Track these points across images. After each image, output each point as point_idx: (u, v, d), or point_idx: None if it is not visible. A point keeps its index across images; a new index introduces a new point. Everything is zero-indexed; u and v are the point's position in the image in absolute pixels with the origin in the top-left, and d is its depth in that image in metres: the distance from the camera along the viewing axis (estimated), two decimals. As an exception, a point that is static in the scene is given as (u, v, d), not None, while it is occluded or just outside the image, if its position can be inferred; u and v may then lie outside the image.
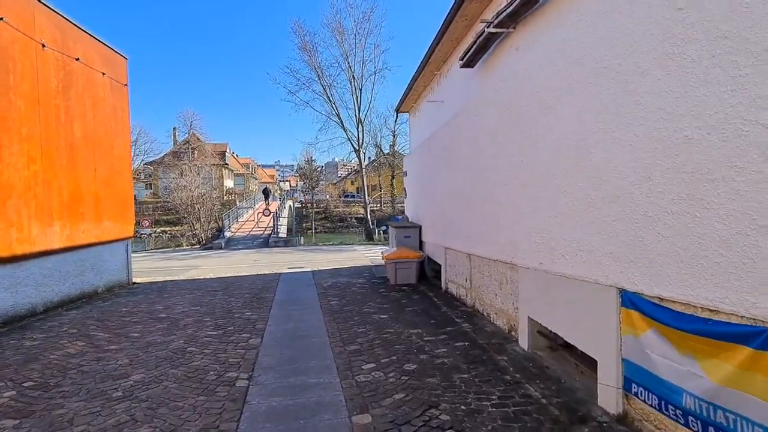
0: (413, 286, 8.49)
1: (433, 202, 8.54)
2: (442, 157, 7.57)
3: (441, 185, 7.67)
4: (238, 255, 16.70)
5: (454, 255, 7.15)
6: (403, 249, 9.07)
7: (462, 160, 6.36)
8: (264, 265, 13.26)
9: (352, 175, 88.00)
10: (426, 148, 9.00)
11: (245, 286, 9.28)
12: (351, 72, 24.37)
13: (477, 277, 5.99)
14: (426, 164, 9.11)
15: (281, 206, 30.25)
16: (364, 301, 7.19)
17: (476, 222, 5.85)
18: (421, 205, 9.98)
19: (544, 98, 3.85)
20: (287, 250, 18.31)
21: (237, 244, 19.89)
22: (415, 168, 10.62)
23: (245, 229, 24.08)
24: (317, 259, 14.45)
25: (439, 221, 8.08)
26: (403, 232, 9.85)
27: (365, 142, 25.70)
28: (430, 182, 8.81)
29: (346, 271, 11.26)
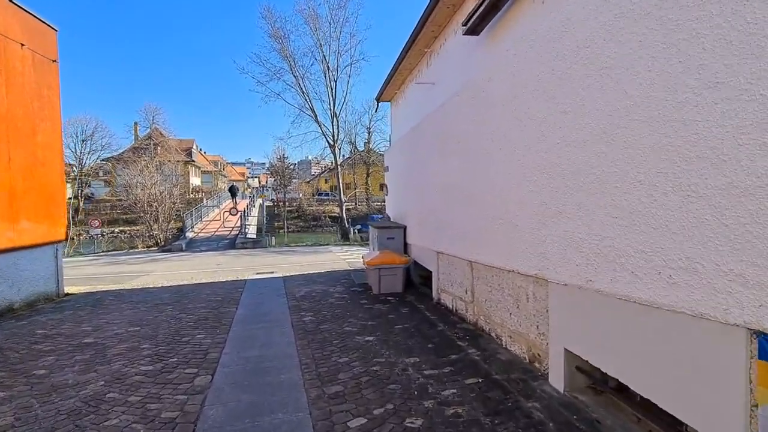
0: (399, 295, 7.40)
1: (421, 199, 7.48)
2: (433, 145, 6.51)
3: (431, 179, 6.61)
4: (200, 258, 15.17)
5: (448, 261, 6.11)
6: (386, 253, 7.97)
7: (461, 146, 5.31)
8: (228, 270, 11.86)
9: (326, 173, 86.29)
10: (412, 139, 7.93)
11: (202, 296, 7.94)
12: (326, 63, 23.02)
13: (482, 289, 4.95)
14: (412, 156, 8.04)
15: (250, 204, 28.52)
16: (344, 317, 6.04)
17: (480, 221, 4.81)
18: (405, 202, 8.90)
19: (594, 55, 2.82)
20: (256, 251, 16.87)
21: (200, 245, 18.25)
22: (398, 162, 9.54)
23: (210, 229, 22.35)
24: (289, 263, 13.16)
25: (428, 221, 7.02)
26: (386, 233, 8.76)
27: (341, 137, 24.40)
28: (417, 176, 7.74)
29: (321, 276, 10.06)
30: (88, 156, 53.23)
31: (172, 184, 22.21)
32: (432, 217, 6.79)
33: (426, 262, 7.42)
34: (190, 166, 57.81)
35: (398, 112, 10.23)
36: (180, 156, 54.80)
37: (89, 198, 51.33)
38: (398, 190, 9.62)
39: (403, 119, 9.56)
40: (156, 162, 44.58)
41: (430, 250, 7.01)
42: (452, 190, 5.69)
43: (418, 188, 7.64)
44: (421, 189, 7.46)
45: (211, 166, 71.98)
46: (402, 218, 9.21)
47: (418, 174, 7.59)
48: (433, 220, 6.74)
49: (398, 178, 9.55)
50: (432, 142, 6.56)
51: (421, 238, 7.67)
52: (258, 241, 18.63)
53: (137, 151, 46.04)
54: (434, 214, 6.64)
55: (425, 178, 7.08)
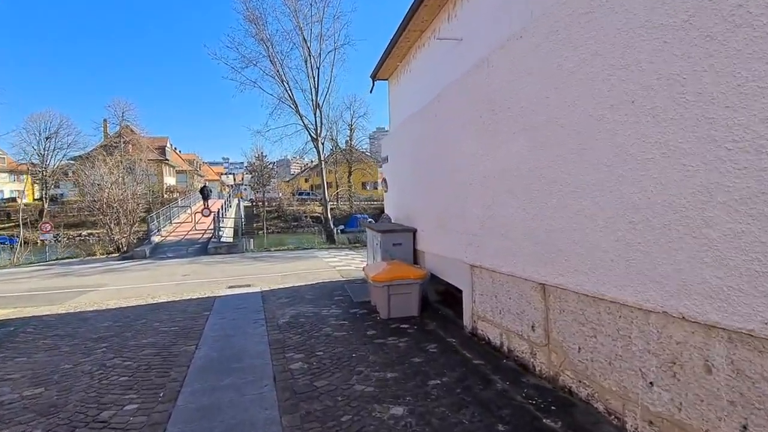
0: (416, 320, 5.64)
1: (442, 195, 5.73)
2: (469, 120, 4.76)
3: (467, 166, 4.86)
4: (165, 267, 13.05)
5: (493, 279, 4.38)
6: (396, 265, 6.20)
7: (526, 116, 3.58)
8: (195, 283, 9.86)
9: (306, 172, 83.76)
10: (427, 118, 6.18)
11: (154, 325, 6.00)
12: (307, 48, 20.99)
13: (571, 330, 3.23)
14: (427, 141, 6.29)
15: (226, 204, 26.27)
16: (349, 361, 4.24)
17: (572, 222, 3.10)
18: (414, 200, 7.14)
19: None
20: (232, 258, 14.82)
21: (167, 251, 16.06)
22: (402, 150, 7.77)
23: (180, 232, 20.09)
24: (270, 272, 11.22)
25: (454, 223, 5.28)
26: (391, 237, 6.98)
27: (324, 131, 22.40)
28: (435, 166, 5.99)
29: (309, 290, 8.20)
30: (53, 154, 49.80)
31: (136, 182, 19.83)
32: (462, 218, 5.04)
33: (450, 275, 5.68)
34: (163, 165, 54.87)
35: (400, 91, 8.46)
36: (153, 154, 51.85)
37: (55, 199, 47.82)
38: (403, 184, 7.85)
39: (408, 97, 7.81)
40: (126, 161, 41.75)
41: (458, 262, 5.27)
42: (510, 179, 3.96)
43: (438, 181, 5.89)
44: (442, 182, 5.71)
45: (187, 165, 68.91)
46: (409, 219, 7.45)
47: (438, 162, 5.83)
48: (464, 221, 5.00)
49: (403, 170, 7.78)
50: (466, 116, 4.81)
51: (440, 244, 5.93)
52: (234, 246, 16.56)
53: (106, 149, 43.08)
54: (468, 213, 4.90)
55: (451, 165, 5.34)
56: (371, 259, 7.86)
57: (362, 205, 56.51)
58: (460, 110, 4.98)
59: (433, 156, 6.04)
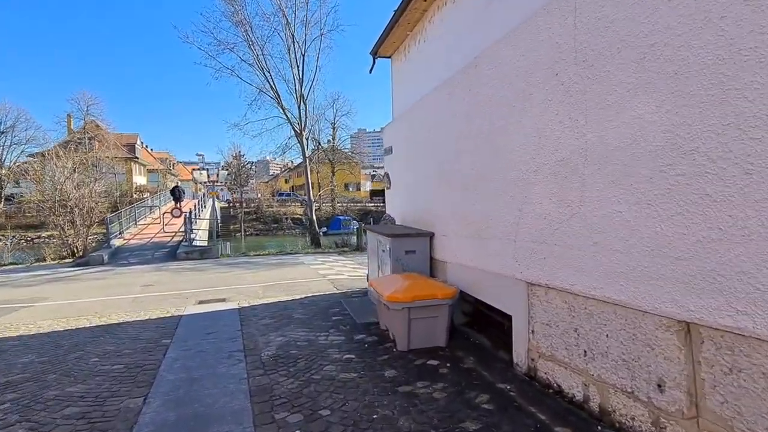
0: (445, 353, 4.31)
1: (479, 190, 4.43)
2: (529, 86, 3.47)
3: (528, 148, 3.55)
4: (124, 276, 11.31)
5: (575, 306, 3.09)
6: (416, 278, 4.86)
7: (664, 57, 2.31)
8: (158, 297, 8.25)
9: (286, 173, 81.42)
10: (454, 95, 4.88)
11: (91, 362, 4.47)
12: (291, 33, 19.38)
13: (762, 405, 1.95)
14: (453, 123, 4.97)
15: (200, 204, 24.30)
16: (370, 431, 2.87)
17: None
18: (431, 197, 5.82)
19: None
20: (205, 264, 13.14)
21: (129, 256, 14.24)
22: (413, 139, 6.45)
23: (146, 234, 18.16)
24: (249, 282, 9.69)
25: (499, 226, 3.98)
26: (403, 243, 5.65)
27: (309, 124, 20.77)
28: (466, 153, 4.68)
29: (299, 307, 6.75)
30: (9, 150, 46.51)
31: (95, 178, 17.82)
32: (514, 220, 3.75)
33: (488, 294, 4.38)
34: (133, 163, 51.98)
35: (408, 69, 7.13)
36: (121, 152, 48.99)
37: (10, 199, 44.31)
38: (413, 179, 6.52)
39: (420, 75, 6.49)
40: (91, 158, 38.96)
41: (503, 278, 3.96)
42: (618, 162, 2.68)
43: (471, 173, 4.59)
44: (479, 173, 4.41)
45: (159, 164, 65.86)
46: (422, 222, 6.14)
47: (473, 149, 4.53)
48: (517, 224, 3.70)
49: (414, 163, 6.45)
50: (530, 79, 3.51)
51: (472, 253, 4.62)
52: (208, 250, 14.85)
53: (69, 145, 40.26)
54: (528, 213, 3.61)
55: (496, 151, 4.03)
56: (376, 269, 6.49)
57: (344, 206, 55.00)
58: (516, 73, 3.68)
59: (464, 142, 4.73)
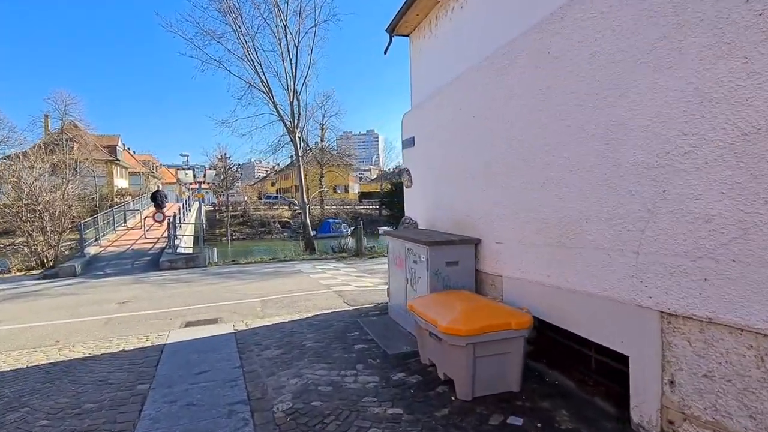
0: (521, 402, 3.19)
1: (567, 182, 3.34)
2: (658, 37, 2.39)
3: (670, 121, 2.46)
4: (98, 290, 9.93)
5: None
6: (471, 299, 3.75)
7: None
8: (136, 318, 6.96)
9: (273, 175, 79.59)
10: (518, 65, 3.80)
11: (36, 428, 3.22)
12: (283, 22, 18.07)
13: None
14: (518, 101, 3.88)
15: (185, 208, 22.76)
16: None
17: None
18: (475, 195, 4.71)
19: None
20: (191, 274, 11.80)
21: (106, 266, 12.80)
22: (446, 127, 5.33)
23: (126, 240, 16.67)
24: (244, 295, 8.44)
25: (606, 233, 2.89)
26: (444, 252, 4.54)
27: (302, 122, 19.39)
28: (531, 139, 3.59)
29: (309, 330, 5.56)
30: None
31: (67, 180, 16.27)
32: (640, 225, 2.66)
33: (581, 324, 3.27)
34: (114, 165, 49.90)
35: (434, 46, 6.01)
36: (101, 154, 46.93)
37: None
38: (447, 175, 5.39)
39: (453, 51, 5.37)
40: (70, 160, 36.94)
41: (612, 304, 2.87)
42: None
43: (542, 161, 3.50)
44: (558, 162, 3.32)
45: (141, 166, 63.67)
46: (460, 225, 5.04)
47: (548, 132, 3.43)
48: (642, 230, 2.61)
49: (447, 155, 5.33)
50: (669, 19, 2.42)
51: (548, 265, 3.52)
52: (194, 258, 13.50)
53: (47, 147, 38.21)
54: (669, 214, 2.53)
55: (593, 131, 2.94)
56: (402, 284, 5.33)
57: (334, 209, 53.72)
58: (656, 11, 2.59)
59: (532, 125, 3.63)
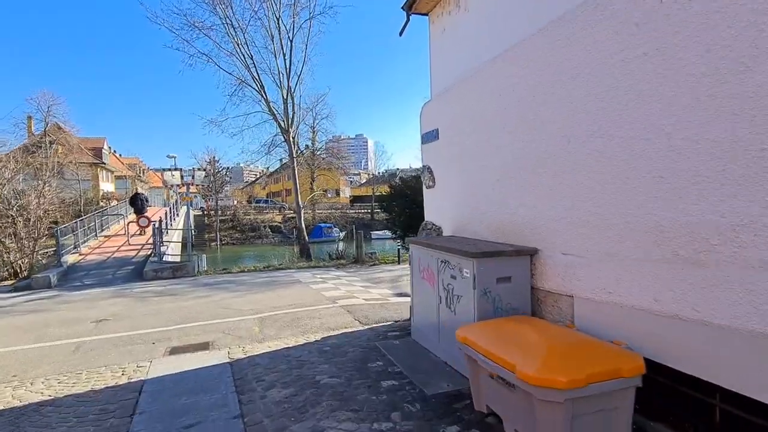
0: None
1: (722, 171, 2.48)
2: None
3: None
4: (73, 305, 8.85)
5: None
6: (553, 331, 2.85)
7: None
8: (112, 342, 5.95)
9: (263, 179, 78.15)
10: (584, 33, 2.94)
11: None
12: (276, 15, 17.08)
13: None
14: (572, 83, 3.02)
15: (172, 212, 21.56)
16: None
17: None
18: (526, 195, 3.85)
19: None
20: (178, 285, 10.76)
21: (84, 276, 11.68)
22: (484, 114, 4.46)
23: (108, 247, 15.49)
24: (238, 311, 7.47)
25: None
26: (495, 265, 3.67)
27: (297, 121, 18.31)
28: (625, 121, 2.74)
29: (321, 359, 4.62)
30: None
31: (43, 182, 15.07)
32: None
33: (714, 368, 2.40)
34: (100, 169, 48.28)
35: (464, 23, 5.14)
36: (86, 156, 45.32)
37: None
38: (485, 171, 4.52)
39: (487, 28, 4.51)
40: (51, 163, 35.41)
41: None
42: None
43: (648, 150, 2.64)
44: (673, 149, 2.47)
45: (128, 170, 61.98)
46: (500, 231, 4.19)
47: (685, 104, 2.58)
48: None
49: (487, 148, 4.46)
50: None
51: (660, 288, 2.67)
52: (181, 266, 12.44)
53: (29, 149, 36.58)
54: None
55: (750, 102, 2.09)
56: (434, 304, 4.42)
57: (324, 213, 52.68)
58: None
59: (632, 105, 2.77)
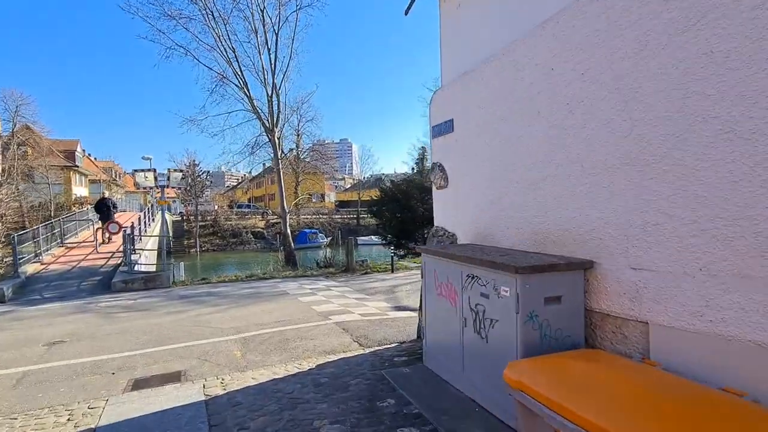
0: None
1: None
2: None
3: None
4: (26, 323, 7.77)
5: None
6: (659, 380, 2.10)
7: None
8: (66, 372, 4.98)
9: (245, 183, 76.44)
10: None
11: None
12: (260, 7, 16.17)
13: None
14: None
15: (147, 217, 20.29)
16: None
17: None
18: (583, 195, 3.13)
19: None
20: (150, 298, 9.73)
21: (45, 288, 10.51)
22: (522, 97, 3.75)
23: (74, 256, 14.24)
24: (217, 330, 6.56)
25: None
26: (542, 283, 2.90)
27: (282, 120, 17.28)
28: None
29: (317, 396, 3.78)
30: None
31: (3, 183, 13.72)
32: None
33: None
34: (72, 172, 46.21)
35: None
36: (57, 159, 43.20)
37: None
38: (519, 166, 3.80)
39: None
40: (19, 165, 33.50)
41: None
42: None
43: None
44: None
45: (103, 173, 59.73)
46: (538, 240, 3.46)
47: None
48: None
49: (515, 139, 3.74)
50: None
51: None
52: (155, 277, 11.37)
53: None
54: None
55: None
56: (454, 328, 3.64)
57: (310, 218, 51.57)
58: None
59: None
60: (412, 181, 16.62)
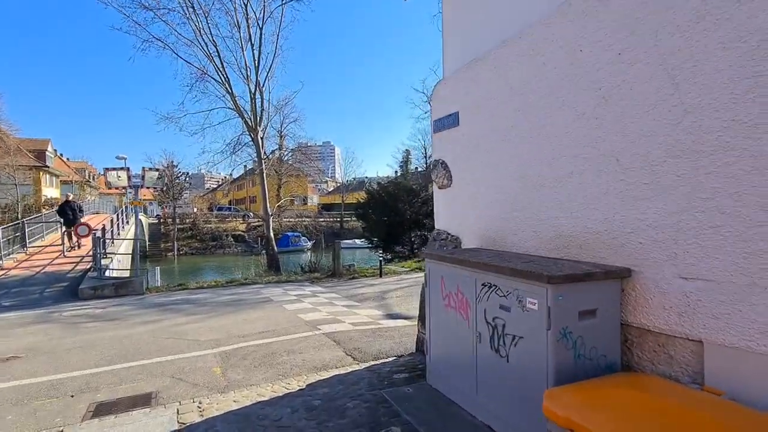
0: None
1: None
2: None
3: None
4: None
5: None
6: (731, 413, 1.71)
7: None
8: (11, 398, 4.34)
9: (225, 186, 74.82)
10: None
11: None
12: (243, 1, 15.56)
13: None
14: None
15: (121, 220, 19.29)
16: None
17: None
18: (631, 185, 2.76)
19: None
20: (120, 306, 9.01)
21: (4, 296, 9.63)
22: (549, 84, 3.38)
23: (39, 261, 13.28)
24: (195, 343, 5.97)
25: None
26: (575, 293, 2.50)
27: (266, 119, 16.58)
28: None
29: (312, 425, 3.29)
30: None
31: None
32: None
33: None
34: (42, 173, 44.19)
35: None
36: (26, 159, 41.23)
37: None
38: (540, 163, 3.42)
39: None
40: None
41: None
42: None
43: None
44: None
45: (76, 174, 57.54)
46: (561, 244, 3.08)
47: None
48: None
49: (536, 133, 3.36)
50: None
51: None
52: (127, 283, 10.61)
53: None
54: None
55: None
56: (465, 344, 3.21)
57: (292, 221, 50.70)
58: None
59: None
60: (399, 184, 16.25)
